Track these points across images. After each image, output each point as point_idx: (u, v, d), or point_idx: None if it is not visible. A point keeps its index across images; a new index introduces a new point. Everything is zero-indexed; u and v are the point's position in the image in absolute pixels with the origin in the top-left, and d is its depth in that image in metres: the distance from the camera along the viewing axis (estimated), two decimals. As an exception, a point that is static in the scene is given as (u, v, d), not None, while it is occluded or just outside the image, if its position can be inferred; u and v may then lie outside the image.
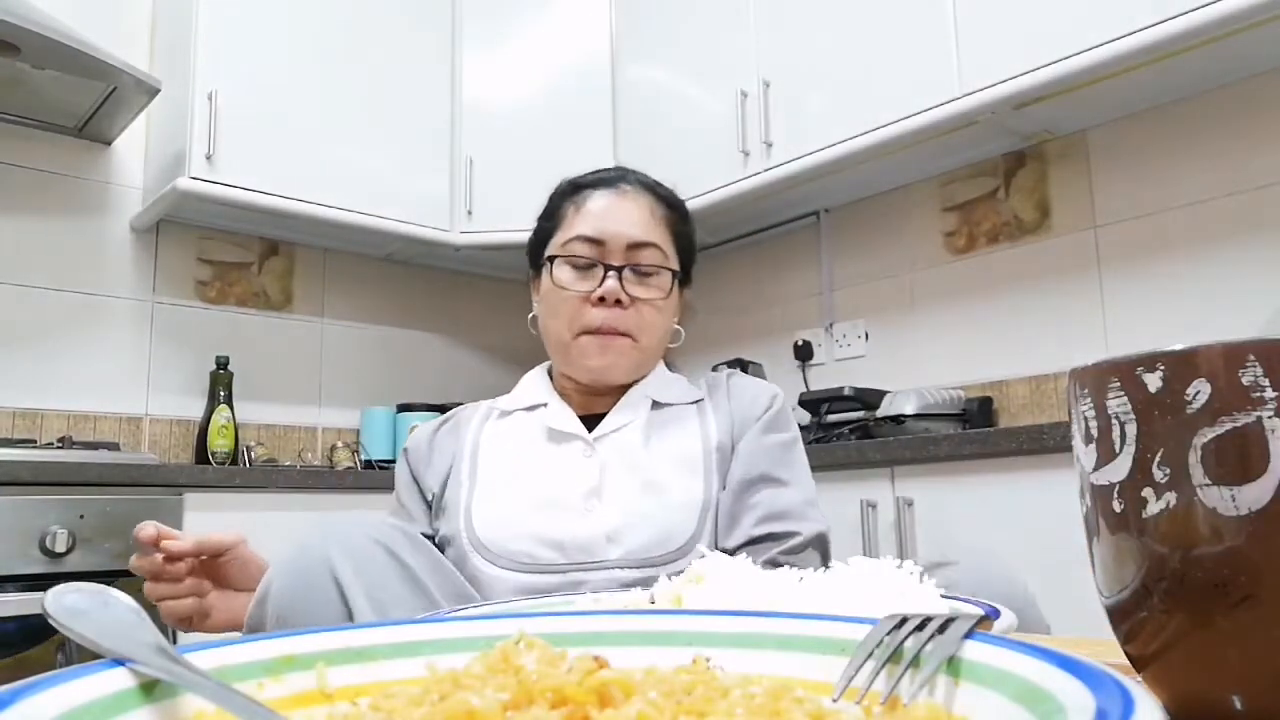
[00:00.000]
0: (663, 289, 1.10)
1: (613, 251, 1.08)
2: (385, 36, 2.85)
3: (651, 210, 1.12)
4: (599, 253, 1.08)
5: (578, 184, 1.15)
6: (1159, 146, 2.14)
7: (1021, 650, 0.27)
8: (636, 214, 1.10)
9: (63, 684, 0.26)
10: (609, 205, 1.10)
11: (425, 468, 1.13)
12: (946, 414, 2.20)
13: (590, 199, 1.12)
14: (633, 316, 1.07)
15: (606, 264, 1.07)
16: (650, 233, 1.10)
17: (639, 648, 0.35)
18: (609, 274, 1.07)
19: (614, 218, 1.09)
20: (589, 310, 1.07)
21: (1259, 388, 0.29)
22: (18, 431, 2.45)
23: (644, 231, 1.09)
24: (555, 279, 1.09)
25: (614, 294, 1.06)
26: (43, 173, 2.60)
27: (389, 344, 3.16)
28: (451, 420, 1.17)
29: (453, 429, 1.15)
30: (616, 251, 1.08)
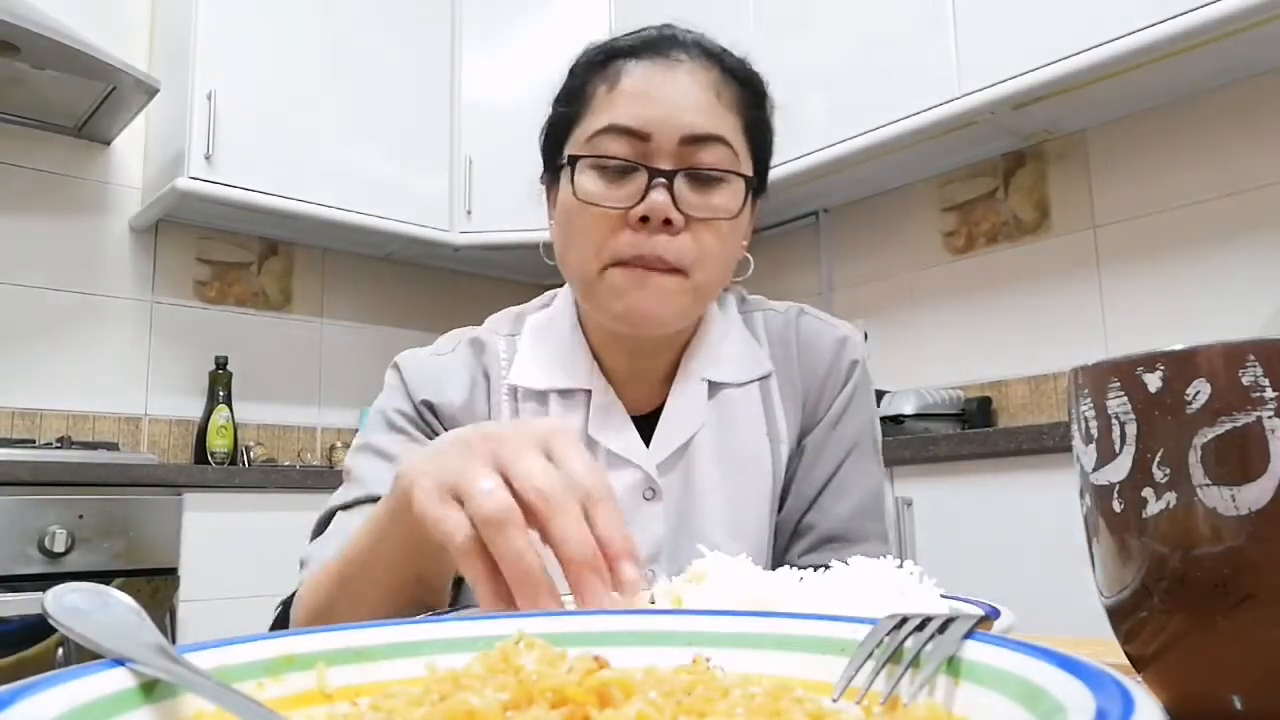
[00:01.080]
0: (731, 204, 0.79)
1: (660, 149, 0.77)
2: (385, 36, 2.85)
3: (717, 89, 0.80)
4: (640, 150, 0.77)
5: (611, 50, 0.82)
6: (1158, 146, 2.15)
7: (1021, 650, 0.27)
8: (695, 94, 0.79)
9: (63, 684, 0.26)
10: (655, 80, 0.79)
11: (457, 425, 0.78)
12: (946, 414, 2.20)
13: (628, 73, 0.80)
14: (686, 243, 0.77)
15: (651, 167, 0.77)
16: (715, 121, 0.79)
17: (639, 648, 0.35)
18: (655, 181, 0.76)
19: (663, 99, 0.78)
20: (624, 234, 0.77)
21: (1259, 388, 0.29)
22: (17, 431, 2.45)
23: (706, 119, 0.78)
24: (578, 189, 0.78)
25: (662, 211, 0.75)
26: (42, 173, 2.60)
27: (388, 344, 3.16)
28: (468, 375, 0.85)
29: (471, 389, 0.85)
30: (666, 148, 0.77)
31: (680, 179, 0.77)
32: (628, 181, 0.77)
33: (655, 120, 0.77)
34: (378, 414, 0.84)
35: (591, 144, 0.79)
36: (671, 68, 0.80)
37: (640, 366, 0.85)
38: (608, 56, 0.82)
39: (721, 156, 0.78)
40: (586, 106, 0.81)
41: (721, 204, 0.78)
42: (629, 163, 0.77)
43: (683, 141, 0.77)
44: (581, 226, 0.78)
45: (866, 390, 0.90)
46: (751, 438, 0.85)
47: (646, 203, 0.75)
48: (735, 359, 0.87)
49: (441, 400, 0.83)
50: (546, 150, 0.86)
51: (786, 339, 0.89)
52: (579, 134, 0.81)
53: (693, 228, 0.77)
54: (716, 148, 0.78)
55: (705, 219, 0.77)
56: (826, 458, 0.86)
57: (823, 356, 0.88)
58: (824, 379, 0.88)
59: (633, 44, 0.82)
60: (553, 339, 0.87)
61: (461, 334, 0.89)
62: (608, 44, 0.83)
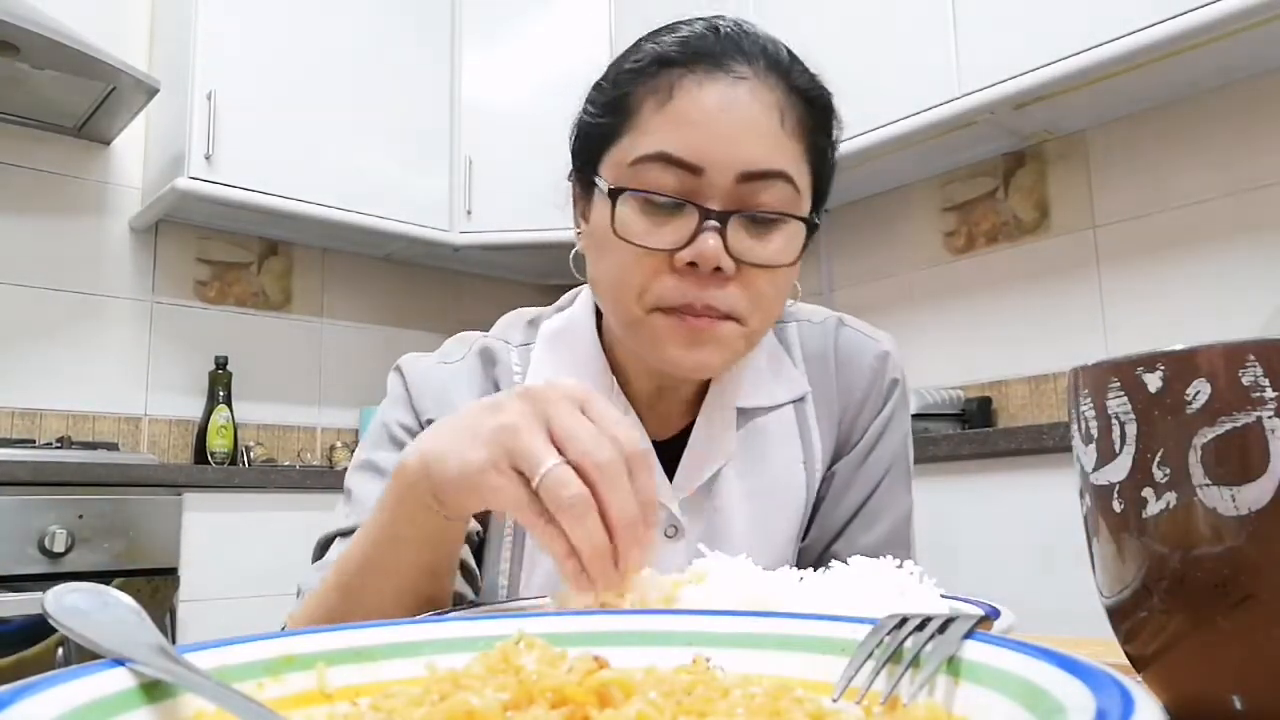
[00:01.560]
0: (788, 250, 0.71)
1: (714, 185, 0.68)
2: (385, 37, 2.85)
3: (782, 112, 0.70)
4: (691, 185, 0.68)
5: (662, 58, 0.71)
6: (1158, 146, 2.15)
7: (1021, 650, 0.27)
8: (757, 119, 0.69)
9: (63, 684, 0.26)
10: (713, 104, 0.68)
11: None
12: (946, 414, 2.20)
13: (682, 90, 0.69)
14: (736, 292, 0.69)
15: (703, 207, 0.68)
16: (777, 152, 0.69)
17: (639, 648, 0.35)
18: (707, 224, 0.67)
19: (720, 126, 0.68)
20: (669, 278, 0.68)
21: (1259, 388, 0.29)
22: (17, 431, 2.45)
23: (768, 151, 0.69)
24: (618, 223, 0.69)
25: (713, 259, 0.67)
26: (42, 173, 2.60)
27: (388, 344, 3.16)
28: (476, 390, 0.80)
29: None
30: (720, 185, 0.68)
31: (735, 221, 0.68)
32: (675, 219, 0.68)
33: (711, 153, 0.67)
34: (380, 426, 0.79)
35: (636, 171, 0.69)
36: (733, 86, 0.69)
37: (665, 391, 0.78)
38: (658, 65, 0.71)
39: (781, 196, 0.70)
40: (631, 122, 0.71)
41: (778, 249, 0.70)
42: (678, 200, 0.68)
43: (740, 178, 0.68)
44: (621, 264, 0.70)
45: (904, 410, 0.85)
46: (785, 466, 0.80)
47: (695, 248, 0.67)
48: (768, 380, 0.81)
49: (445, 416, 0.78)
50: (579, 156, 0.77)
51: (825, 354, 0.83)
52: (620, 153, 0.71)
53: (744, 273, 0.69)
54: (776, 185, 0.69)
55: (761, 264, 0.69)
56: (858, 486, 0.82)
57: (863, 374, 0.83)
58: (862, 400, 0.83)
59: (687, 53, 0.71)
60: (570, 351, 0.80)
61: (470, 340, 0.83)
62: (657, 51, 0.72)
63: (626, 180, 0.70)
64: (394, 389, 0.81)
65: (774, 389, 0.81)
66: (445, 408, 0.76)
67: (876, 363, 0.84)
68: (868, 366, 0.83)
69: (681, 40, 0.72)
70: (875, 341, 0.85)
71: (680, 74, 0.70)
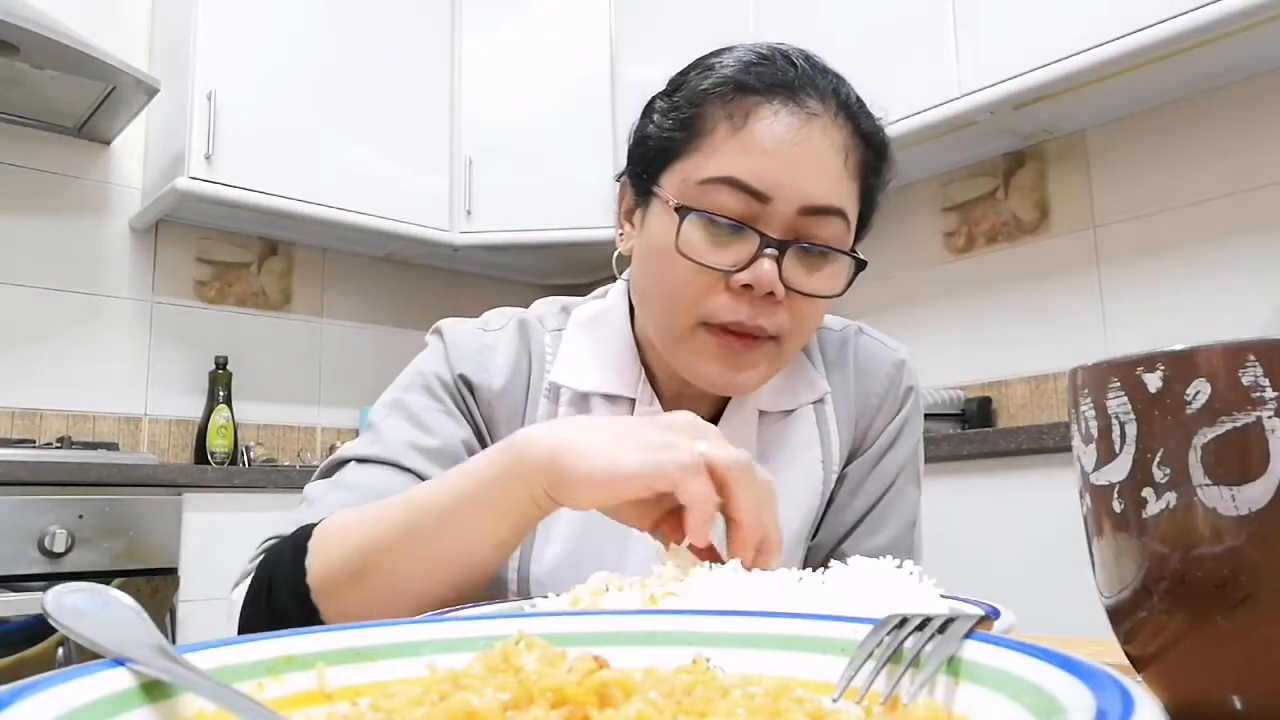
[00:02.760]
0: (835, 283, 0.74)
1: (778, 213, 0.71)
2: (385, 37, 2.85)
3: (846, 152, 0.74)
4: (755, 211, 0.71)
5: (740, 84, 0.73)
6: (1158, 146, 2.15)
7: (1021, 650, 0.27)
8: (824, 157, 0.72)
9: (63, 684, 0.26)
10: (786, 135, 0.71)
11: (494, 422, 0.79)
12: (946, 414, 2.20)
13: (759, 118, 0.72)
14: (783, 315, 0.73)
15: (764, 234, 0.71)
16: (838, 191, 0.73)
17: (639, 648, 0.35)
18: (766, 250, 0.70)
19: (791, 159, 0.71)
20: (722, 296, 0.72)
21: (1259, 388, 0.29)
22: (17, 431, 2.45)
23: (831, 189, 0.72)
24: (682, 240, 0.71)
25: (768, 284, 0.70)
26: (42, 173, 2.60)
27: (388, 344, 3.16)
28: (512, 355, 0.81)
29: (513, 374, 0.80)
30: (783, 215, 0.71)
31: (792, 251, 0.72)
32: (737, 243, 0.71)
33: (780, 184, 0.71)
34: (416, 373, 0.80)
35: (704, 190, 0.72)
36: (806, 122, 0.72)
37: (689, 392, 0.80)
38: (735, 90, 0.74)
39: (836, 232, 0.74)
40: (703, 141, 0.73)
41: (827, 281, 0.74)
42: (742, 225, 0.71)
43: (802, 210, 0.72)
44: (676, 277, 0.73)
45: (917, 417, 0.88)
46: (804, 466, 0.82)
47: (753, 271, 0.70)
48: (790, 382, 0.83)
49: (480, 380, 0.78)
50: (640, 163, 0.79)
51: (844, 360, 0.87)
52: (689, 171, 0.73)
53: (792, 300, 0.73)
54: (833, 222, 0.73)
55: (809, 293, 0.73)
56: (868, 490, 0.84)
57: (879, 380, 0.86)
58: (879, 405, 0.86)
59: (767, 83, 0.73)
60: (603, 340, 0.82)
61: (510, 314, 0.85)
62: (736, 75, 0.74)
63: (693, 198, 0.72)
64: (433, 344, 0.82)
65: (795, 391, 0.83)
66: (480, 368, 0.79)
67: (893, 370, 0.87)
68: (884, 374, 0.86)
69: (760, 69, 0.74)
70: (892, 350, 0.88)
71: (757, 101, 0.73)
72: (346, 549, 0.61)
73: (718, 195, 0.71)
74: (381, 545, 0.60)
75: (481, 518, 0.57)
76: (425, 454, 0.74)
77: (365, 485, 0.72)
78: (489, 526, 0.57)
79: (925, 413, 2.14)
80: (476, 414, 0.79)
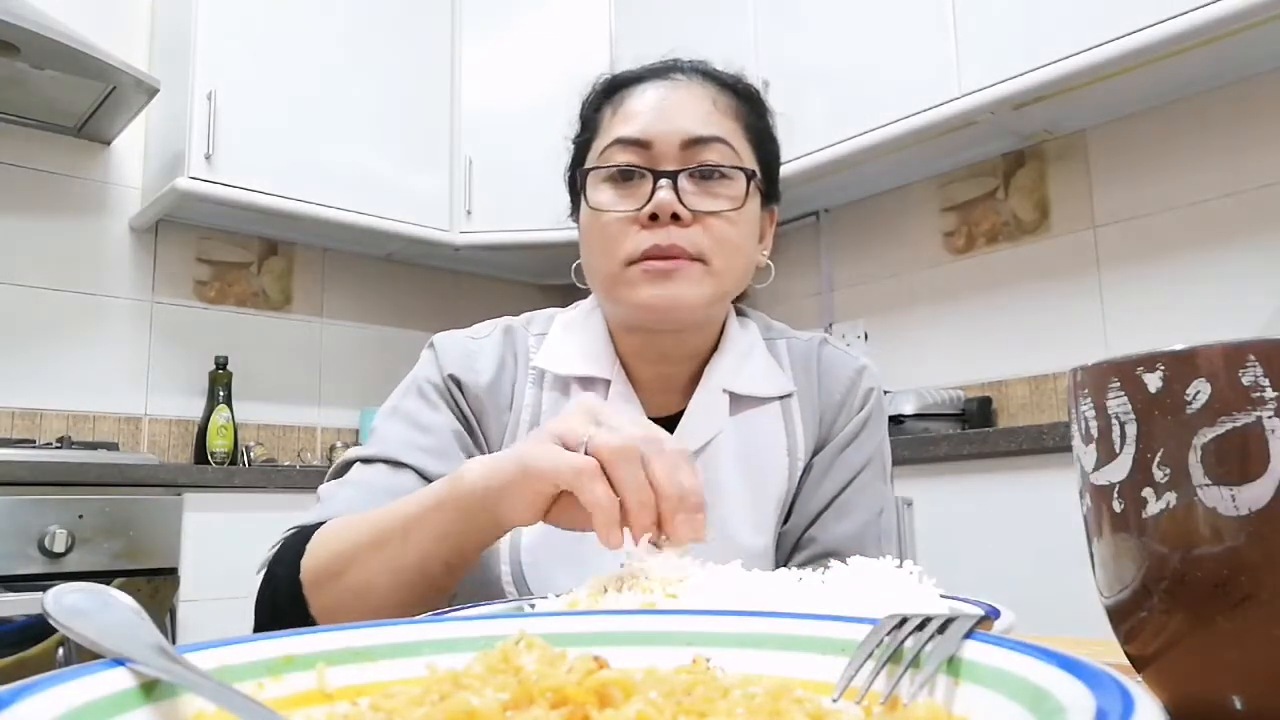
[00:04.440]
0: (735, 195, 0.83)
1: (663, 154, 0.82)
2: (385, 36, 2.85)
3: (713, 99, 0.86)
4: (646, 158, 0.83)
5: (615, 82, 0.89)
6: (1158, 146, 2.15)
7: (1021, 650, 0.27)
8: (692, 104, 0.84)
9: (63, 684, 0.26)
10: (655, 98, 0.85)
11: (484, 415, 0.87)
12: (946, 414, 2.20)
13: (631, 94, 0.86)
14: (698, 233, 0.81)
15: (655, 170, 0.82)
16: (712, 125, 0.84)
17: (639, 648, 0.35)
18: (660, 182, 0.81)
19: (662, 111, 0.84)
20: (637, 233, 0.81)
21: (1259, 388, 0.29)
22: (17, 431, 2.45)
23: (703, 124, 0.83)
24: (591, 200, 0.84)
25: (668, 207, 0.80)
26: (42, 173, 2.60)
27: (388, 344, 3.16)
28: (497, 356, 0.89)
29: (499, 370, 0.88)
30: (669, 153, 0.82)
31: (684, 178, 0.82)
32: (636, 187, 0.82)
33: (656, 129, 0.83)
34: (411, 382, 0.89)
35: (601, 159, 0.85)
36: (671, 88, 0.86)
37: (662, 372, 0.88)
38: (613, 87, 0.89)
39: (721, 154, 0.83)
40: (596, 131, 0.88)
41: (726, 195, 0.83)
42: (635, 168, 0.82)
43: (683, 145, 0.82)
44: (599, 233, 0.83)
45: (880, 418, 0.94)
46: (772, 452, 0.88)
47: (654, 202, 0.80)
48: (758, 376, 0.90)
49: (467, 378, 0.87)
50: (569, 183, 0.92)
51: (809, 364, 0.93)
52: (591, 155, 0.87)
53: (702, 220, 0.81)
54: (716, 146, 0.83)
55: (711, 212, 0.82)
56: (833, 477, 0.89)
57: (841, 381, 0.92)
58: (840, 402, 0.92)
59: (637, 73, 0.89)
60: (581, 336, 0.91)
61: (497, 322, 0.94)
62: (614, 76, 0.90)
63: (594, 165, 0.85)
64: (425, 355, 0.91)
65: (764, 384, 0.90)
66: (467, 368, 0.87)
67: (854, 374, 0.94)
68: (846, 376, 0.93)
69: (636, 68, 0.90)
70: (853, 359, 0.96)
71: (630, 86, 0.88)
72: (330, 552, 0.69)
73: (612, 156, 0.84)
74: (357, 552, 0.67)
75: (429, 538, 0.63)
76: (423, 450, 0.82)
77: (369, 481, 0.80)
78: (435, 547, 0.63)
79: (925, 413, 2.16)
80: (466, 409, 0.87)
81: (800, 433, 0.90)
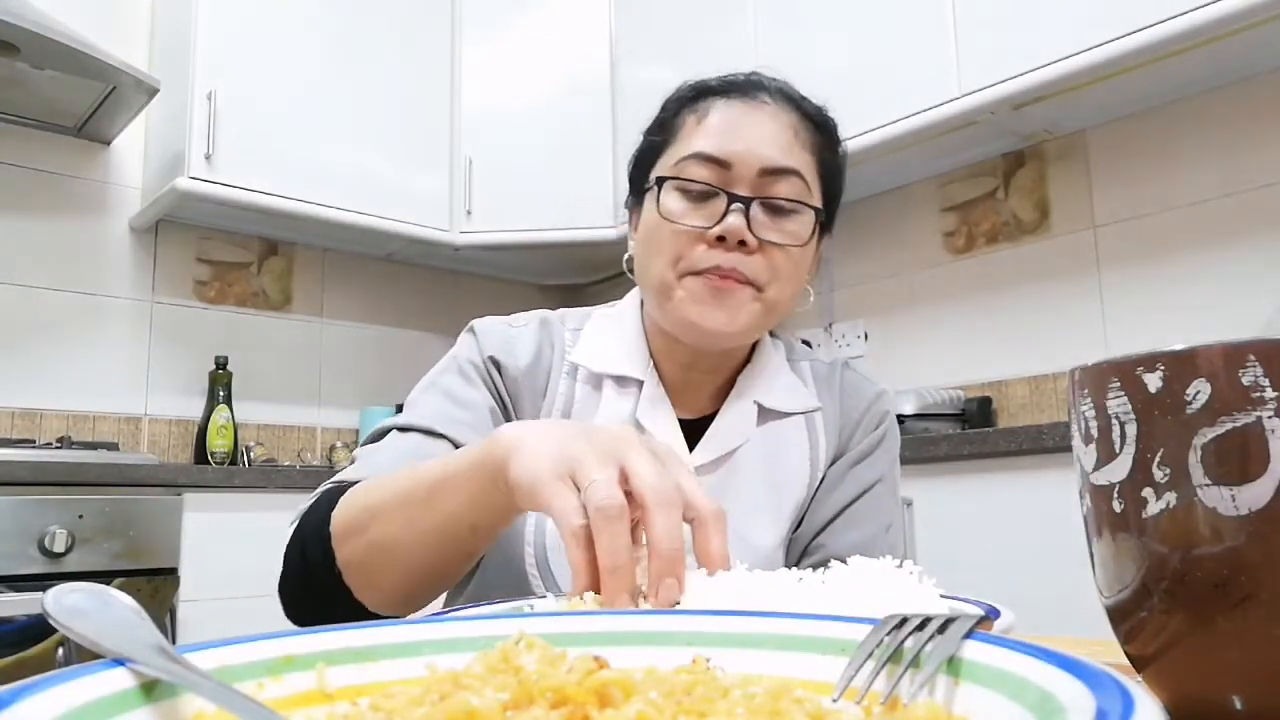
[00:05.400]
0: (801, 233, 0.85)
1: (740, 177, 0.84)
2: (385, 36, 2.85)
3: (795, 130, 0.88)
4: (722, 178, 0.84)
5: (701, 88, 0.91)
6: (1158, 146, 2.15)
7: (1021, 650, 0.27)
8: (775, 131, 0.86)
9: (63, 684, 0.26)
10: (740, 117, 0.87)
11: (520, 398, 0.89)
12: (946, 414, 2.20)
13: (716, 108, 0.88)
14: (759, 262, 0.84)
15: (731, 193, 0.84)
16: (791, 157, 0.86)
17: (639, 648, 0.35)
18: (733, 206, 0.83)
19: (745, 133, 0.85)
20: (701, 249, 0.83)
21: (1259, 388, 0.29)
22: (17, 431, 2.45)
23: (783, 154, 0.85)
24: (662, 208, 0.85)
25: (738, 232, 0.82)
26: (42, 173, 2.60)
27: (388, 344, 3.16)
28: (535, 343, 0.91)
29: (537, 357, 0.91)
30: (745, 177, 0.84)
31: (756, 206, 0.84)
32: (708, 204, 0.84)
33: (737, 152, 0.84)
34: (450, 359, 0.91)
35: (678, 169, 0.86)
36: (756, 108, 0.87)
37: (693, 379, 0.91)
38: (698, 94, 0.90)
39: (795, 189, 0.85)
40: (675, 136, 0.89)
41: (793, 231, 0.85)
42: (711, 187, 0.84)
43: (761, 173, 0.84)
44: (662, 240, 0.85)
45: (894, 440, 0.97)
46: (795, 460, 0.92)
47: (724, 224, 0.82)
48: (786, 392, 0.93)
49: (508, 360, 0.89)
50: (634, 176, 0.94)
51: (831, 384, 0.97)
52: (666, 160, 0.88)
53: (765, 250, 0.84)
54: (791, 180, 0.85)
55: (778, 244, 0.84)
56: (844, 489, 0.92)
57: (860, 402, 0.97)
58: (858, 420, 0.96)
59: (723, 84, 0.90)
60: (615, 333, 0.93)
61: (537, 313, 0.96)
62: (700, 82, 0.91)
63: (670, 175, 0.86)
64: (465, 338, 0.93)
65: (791, 399, 0.93)
66: (507, 352, 0.90)
67: (873, 396, 0.98)
68: (865, 398, 0.97)
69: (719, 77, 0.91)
70: (872, 384, 1.00)
71: (715, 98, 0.89)
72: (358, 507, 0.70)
73: (689, 169, 0.85)
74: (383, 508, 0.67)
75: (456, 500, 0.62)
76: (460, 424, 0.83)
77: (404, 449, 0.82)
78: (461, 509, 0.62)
79: (925, 413, 2.16)
80: (503, 390, 0.89)
81: (823, 445, 0.93)
